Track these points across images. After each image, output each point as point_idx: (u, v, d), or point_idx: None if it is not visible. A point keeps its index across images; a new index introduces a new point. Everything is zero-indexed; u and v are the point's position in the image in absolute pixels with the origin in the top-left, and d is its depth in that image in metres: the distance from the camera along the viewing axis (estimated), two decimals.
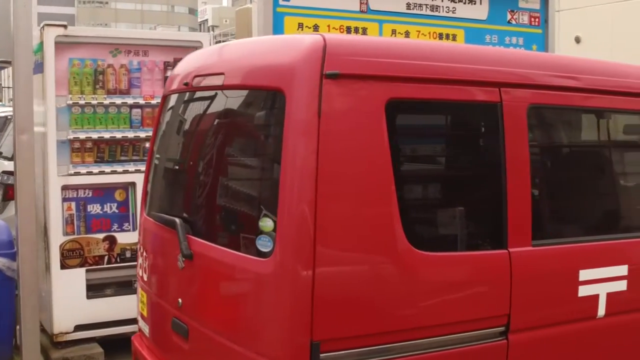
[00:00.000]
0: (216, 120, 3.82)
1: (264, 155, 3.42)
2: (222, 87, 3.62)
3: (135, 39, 6.69)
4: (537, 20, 7.78)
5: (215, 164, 3.73)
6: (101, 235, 6.44)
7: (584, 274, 3.75)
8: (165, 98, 4.38)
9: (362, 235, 3.11)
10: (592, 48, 17.02)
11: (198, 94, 3.96)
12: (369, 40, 3.35)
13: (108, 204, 6.45)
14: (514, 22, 7.60)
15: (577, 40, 17.85)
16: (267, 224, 3.14)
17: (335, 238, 3.06)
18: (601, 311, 3.83)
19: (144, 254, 4.39)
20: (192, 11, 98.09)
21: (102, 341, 6.48)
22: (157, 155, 4.39)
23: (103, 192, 6.45)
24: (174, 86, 4.19)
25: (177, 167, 4.20)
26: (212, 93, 3.81)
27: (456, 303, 3.35)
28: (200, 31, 69.76)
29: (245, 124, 3.63)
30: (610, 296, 3.85)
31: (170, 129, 4.28)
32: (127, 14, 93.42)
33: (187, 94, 4.05)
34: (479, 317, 3.42)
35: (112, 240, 6.44)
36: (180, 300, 3.75)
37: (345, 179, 3.10)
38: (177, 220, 3.73)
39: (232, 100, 3.64)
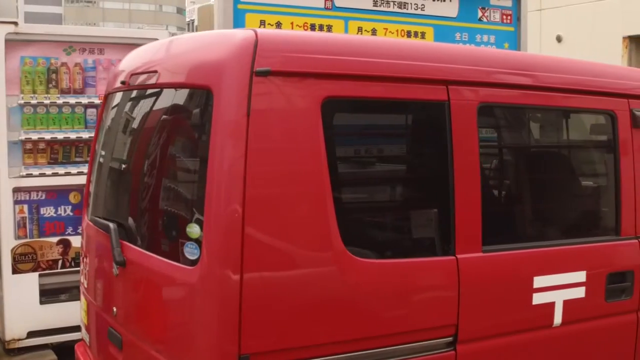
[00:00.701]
0: (149, 121, 3.63)
1: (192, 159, 3.23)
2: (156, 86, 3.45)
3: (90, 36, 6.47)
4: (509, 17, 7.61)
5: (147, 167, 3.55)
6: (55, 239, 6.23)
7: (539, 281, 3.58)
8: (106, 97, 4.20)
9: (296, 241, 2.93)
10: (574, 47, 16.92)
11: (135, 93, 3.78)
12: (305, 35, 3.18)
13: (62, 207, 6.24)
14: (485, 19, 7.43)
15: (559, 39, 17.73)
16: (194, 230, 2.96)
17: (265, 245, 2.87)
18: (557, 319, 3.66)
19: (85, 260, 4.21)
20: (180, 10, 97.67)
21: (57, 348, 6.28)
22: (98, 156, 4.20)
23: (57, 195, 6.23)
24: (114, 85, 4.01)
25: (113, 169, 4.01)
26: (147, 92, 3.63)
27: (399, 313, 3.18)
28: (188, 31, 69.42)
29: (177, 125, 3.44)
30: (567, 304, 3.68)
31: (110, 129, 4.09)
32: (114, 13, 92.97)
33: (126, 93, 3.86)
34: (425, 327, 3.25)
35: (66, 244, 6.24)
36: (114, 309, 3.58)
37: (277, 182, 2.92)
38: (111, 225, 3.56)
39: (165, 99, 3.46)
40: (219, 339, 2.85)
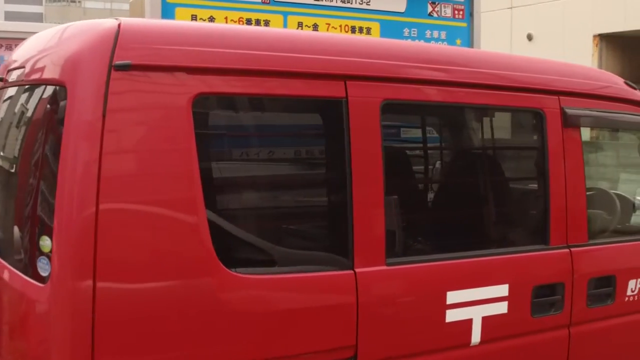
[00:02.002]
0: (13, 121, 3.29)
1: (47, 164, 2.88)
2: (23, 82, 3.11)
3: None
4: (461, 13, 7.28)
5: (7, 172, 3.20)
6: None
7: (453, 296, 3.26)
8: None
9: (160, 253, 2.60)
10: (545, 45, 16.70)
11: (9, 90, 3.42)
12: (178, 25, 2.86)
13: None
14: (435, 14, 7.11)
15: (529, 37, 17.52)
16: (46, 243, 2.62)
17: (123, 258, 2.55)
18: (476, 338, 3.33)
19: None
20: None
21: None
22: None
23: None
24: None
25: None
26: (16, 89, 3.28)
27: (287, 334, 2.84)
28: None
29: (35, 127, 3.09)
30: (486, 320, 3.36)
31: None
32: (96, 13, 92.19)
33: (2, 90, 3.51)
34: (317, 349, 2.92)
35: None
36: None
37: (138, 189, 2.60)
38: None
39: (27, 97, 3.12)
40: None
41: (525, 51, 17.31)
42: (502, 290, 3.42)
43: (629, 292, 3.93)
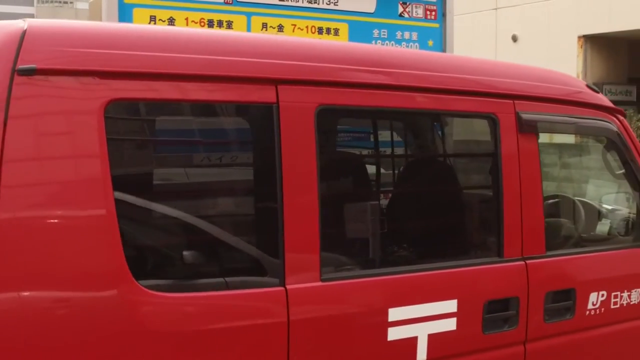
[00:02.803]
0: None
1: None
2: None
3: None
4: (433, 13, 7.09)
5: None
6: None
7: (396, 313, 3.07)
8: None
9: (63, 270, 2.41)
10: (529, 47, 16.54)
11: None
12: (90, 26, 2.67)
13: None
14: (406, 15, 6.91)
15: (514, 39, 17.35)
16: None
17: (24, 276, 2.34)
18: (421, 356, 3.16)
19: None
20: None
21: None
22: None
23: None
24: None
25: None
26: None
27: (208, 357, 2.64)
28: None
29: None
30: (433, 338, 3.18)
31: None
32: (88, 13, 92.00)
33: None
34: None
35: None
36: None
37: (45, 198, 2.44)
38: None
39: None
40: None
41: (510, 52, 17.16)
42: (451, 305, 3.24)
43: (590, 306, 3.75)
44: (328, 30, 6.49)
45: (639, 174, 4.02)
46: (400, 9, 6.85)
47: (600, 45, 16.17)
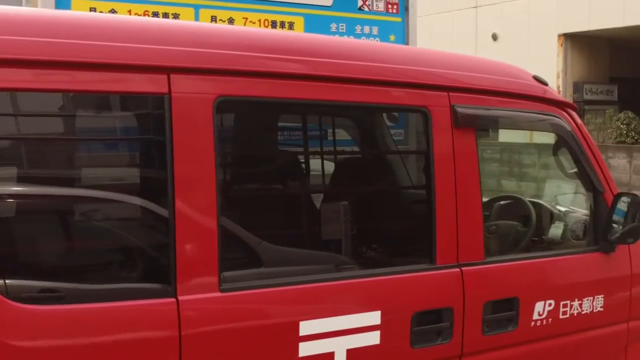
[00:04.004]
0: None
1: None
2: None
3: None
4: (395, 7, 6.80)
5: None
6: None
7: (309, 327, 2.76)
8: None
9: None
10: (510, 45, 16.28)
11: None
12: None
13: None
14: (366, 9, 6.62)
15: (494, 37, 17.08)
16: None
17: None
18: None
19: None
20: None
21: None
22: None
23: None
24: None
25: None
26: None
27: None
28: None
29: None
30: (352, 354, 2.88)
31: None
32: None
33: None
34: None
35: None
36: None
37: None
38: None
39: None
40: None
41: (491, 51, 16.88)
42: (373, 317, 2.94)
43: (535, 317, 3.45)
44: (282, 24, 6.20)
45: (592, 173, 3.73)
46: (360, 2, 6.57)
47: (581, 44, 15.92)
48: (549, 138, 4.06)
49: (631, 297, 3.86)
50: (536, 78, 3.65)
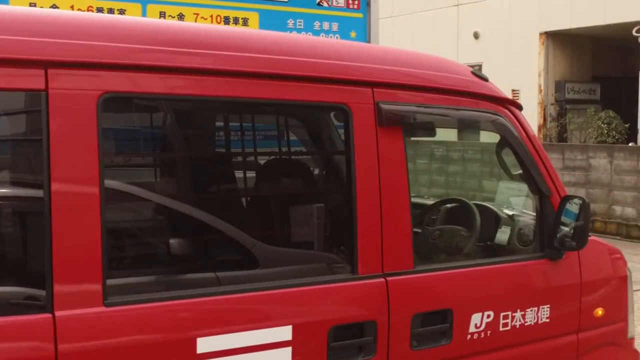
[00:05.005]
0: None
1: None
2: None
3: None
4: (356, 2, 6.59)
5: None
6: None
7: (207, 344, 2.54)
8: None
9: None
10: (491, 43, 16.09)
11: None
12: None
13: None
14: (325, 4, 6.41)
15: (476, 35, 16.88)
16: None
17: None
18: None
19: None
20: None
21: None
22: None
23: None
24: None
25: None
26: None
27: None
28: None
29: None
30: None
31: None
32: None
33: None
34: None
35: None
36: None
37: None
38: None
39: None
40: None
41: (472, 49, 16.69)
42: (284, 333, 2.71)
43: (472, 329, 3.22)
44: (236, 20, 5.99)
45: (537, 175, 3.50)
46: None
47: (563, 42, 15.71)
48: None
49: (581, 307, 3.64)
50: (475, 73, 3.43)
